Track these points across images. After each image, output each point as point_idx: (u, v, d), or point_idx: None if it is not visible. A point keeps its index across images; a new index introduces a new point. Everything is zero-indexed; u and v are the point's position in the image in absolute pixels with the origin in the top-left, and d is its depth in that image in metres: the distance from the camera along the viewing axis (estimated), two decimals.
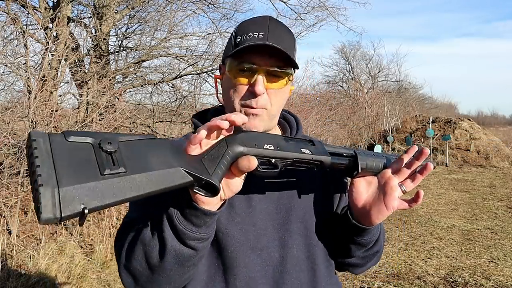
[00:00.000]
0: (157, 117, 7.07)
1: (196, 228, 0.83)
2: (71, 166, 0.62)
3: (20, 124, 4.80)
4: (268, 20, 1.01)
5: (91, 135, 0.68)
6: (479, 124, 16.95)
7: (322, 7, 8.39)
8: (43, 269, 3.65)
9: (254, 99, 0.98)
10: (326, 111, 11.20)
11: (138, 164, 0.68)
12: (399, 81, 27.26)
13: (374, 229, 1.03)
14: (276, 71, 0.99)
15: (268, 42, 0.96)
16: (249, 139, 0.84)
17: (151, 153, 0.71)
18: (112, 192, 0.63)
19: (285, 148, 0.87)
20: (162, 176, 0.69)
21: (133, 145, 0.71)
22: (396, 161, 1.00)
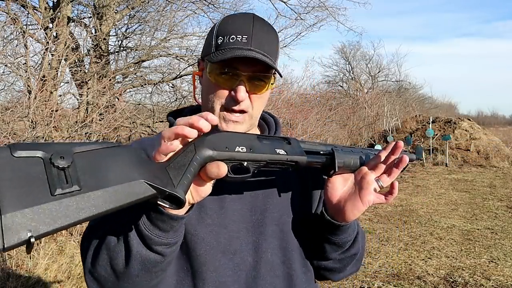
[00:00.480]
0: (157, 117, 7.07)
1: (163, 233, 0.79)
2: (17, 186, 0.56)
3: (20, 124, 4.80)
4: (252, 20, 0.98)
5: (42, 147, 0.61)
6: (479, 124, 16.95)
7: (322, 7, 8.39)
8: (43, 269, 3.65)
9: (236, 104, 0.97)
10: (326, 111, 11.21)
11: (94, 179, 0.62)
12: (399, 81, 27.28)
13: (350, 228, 1.01)
14: (258, 76, 0.98)
15: (252, 48, 0.94)
16: (220, 142, 0.78)
17: (110, 165, 0.65)
18: (65, 214, 0.57)
19: (259, 150, 0.82)
20: (121, 191, 0.63)
21: (90, 156, 0.64)
22: (373, 157, 0.99)
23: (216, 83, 0.98)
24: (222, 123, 0.99)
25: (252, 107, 1.00)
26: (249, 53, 0.94)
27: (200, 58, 1.07)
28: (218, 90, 0.98)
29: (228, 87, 0.97)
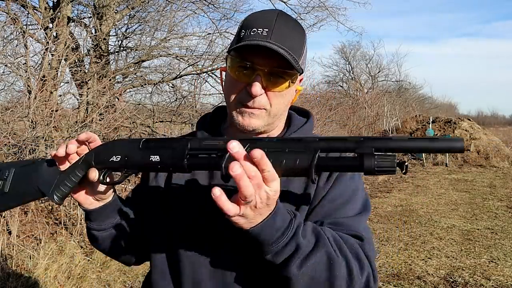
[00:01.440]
0: (157, 117, 7.07)
1: (90, 222, 1.05)
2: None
3: (20, 124, 4.81)
4: (276, 15, 0.95)
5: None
6: (479, 124, 16.95)
7: (322, 7, 8.39)
8: (43, 269, 3.65)
9: (251, 99, 0.95)
10: (326, 111, 11.21)
11: (15, 188, 0.97)
12: (399, 81, 27.28)
13: (261, 234, 0.78)
14: (277, 72, 0.94)
15: (270, 41, 0.90)
16: (101, 152, 0.92)
17: (24, 177, 0.98)
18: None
19: (132, 158, 0.89)
20: (24, 193, 0.98)
21: (18, 171, 0.99)
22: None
23: (234, 76, 0.96)
24: (238, 117, 0.98)
25: (270, 104, 0.97)
26: (265, 43, 0.90)
27: (227, 54, 1.04)
28: (235, 85, 0.97)
29: (244, 82, 0.95)
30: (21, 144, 4.22)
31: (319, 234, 0.86)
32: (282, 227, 0.79)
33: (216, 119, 1.13)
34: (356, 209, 0.99)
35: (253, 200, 0.71)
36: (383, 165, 0.71)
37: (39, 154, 4.47)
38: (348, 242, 0.91)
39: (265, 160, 0.70)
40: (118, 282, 3.89)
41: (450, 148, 0.72)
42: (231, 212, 0.71)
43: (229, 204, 0.71)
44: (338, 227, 0.94)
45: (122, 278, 3.96)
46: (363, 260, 0.90)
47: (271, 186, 0.72)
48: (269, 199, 0.73)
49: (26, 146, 4.25)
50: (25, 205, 4.69)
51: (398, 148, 0.74)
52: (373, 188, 9.05)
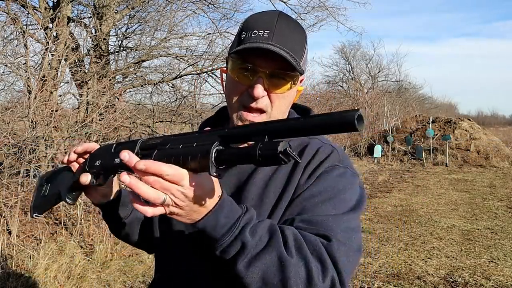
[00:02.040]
0: (157, 117, 7.07)
1: (104, 215, 1.17)
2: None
3: (20, 124, 4.81)
4: (277, 16, 0.95)
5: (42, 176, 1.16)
6: (479, 124, 16.94)
7: (322, 7, 8.39)
8: (43, 269, 3.65)
9: (253, 100, 0.94)
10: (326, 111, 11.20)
11: (50, 191, 1.09)
12: (399, 81, 27.28)
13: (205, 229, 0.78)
14: (278, 73, 0.94)
15: (272, 43, 0.91)
16: (92, 158, 0.99)
17: (56, 182, 1.10)
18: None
19: (105, 162, 0.94)
20: (53, 195, 1.09)
21: (52, 176, 1.11)
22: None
23: (235, 79, 0.97)
24: (238, 123, 0.98)
25: (271, 106, 0.97)
26: (267, 46, 0.90)
27: (228, 56, 1.04)
28: (237, 87, 0.97)
29: (246, 84, 0.95)
30: (21, 144, 4.22)
31: (274, 233, 0.81)
32: (228, 224, 0.77)
33: (219, 120, 1.14)
34: (340, 208, 0.92)
35: (167, 200, 0.71)
36: (265, 153, 0.65)
37: (39, 154, 4.47)
38: (311, 242, 0.84)
39: (155, 167, 0.69)
40: (118, 282, 3.89)
41: (339, 123, 0.62)
42: (148, 213, 0.72)
43: (142, 207, 0.71)
44: (307, 225, 0.89)
45: (122, 278, 3.96)
46: (327, 262, 0.83)
47: (182, 184, 0.70)
48: (189, 196, 0.72)
49: (26, 146, 4.25)
50: (25, 205, 4.69)
51: (288, 130, 0.67)
52: (373, 188, 9.06)
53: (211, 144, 0.70)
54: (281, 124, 0.69)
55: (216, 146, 0.70)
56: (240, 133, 0.73)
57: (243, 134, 0.72)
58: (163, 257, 1.11)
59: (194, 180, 0.71)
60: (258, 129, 0.70)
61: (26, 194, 4.57)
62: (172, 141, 0.78)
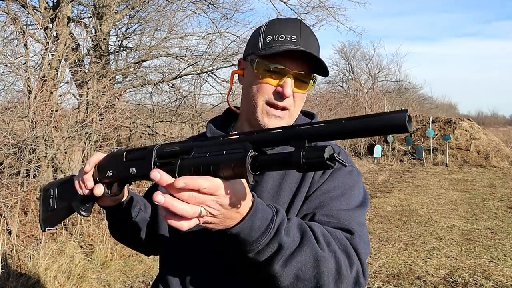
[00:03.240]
0: (157, 117, 7.07)
1: (109, 215, 1.18)
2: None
3: (20, 124, 4.80)
4: (299, 23, 1.04)
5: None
6: (479, 124, 16.94)
7: (322, 7, 8.38)
8: (43, 269, 3.65)
9: (280, 99, 1.02)
10: (326, 111, 11.21)
11: (59, 204, 1.09)
12: (399, 81, 27.26)
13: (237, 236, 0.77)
14: (303, 75, 1.02)
15: (301, 47, 0.99)
16: (100, 168, 0.97)
17: (64, 195, 1.09)
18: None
19: (120, 172, 0.92)
20: (64, 208, 1.09)
21: (60, 187, 1.10)
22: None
23: (262, 78, 1.02)
24: (264, 118, 1.04)
25: (294, 105, 1.05)
26: (301, 48, 0.99)
27: (241, 59, 1.12)
28: (264, 85, 1.03)
29: (274, 83, 1.02)
30: (21, 144, 4.22)
31: (305, 231, 0.84)
32: (263, 226, 0.78)
33: (226, 120, 1.21)
34: (351, 203, 1.00)
35: (202, 211, 0.70)
36: (311, 160, 0.62)
37: (39, 154, 4.47)
38: (337, 236, 0.90)
39: (194, 184, 0.67)
40: (118, 282, 3.89)
41: (391, 125, 0.59)
42: (184, 228, 0.70)
43: (177, 222, 0.70)
44: (329, 219, 0.95)
45: (122, 278, 3.96)
46: (352, 255, 0.89)
47: (217, 194, 0.69)
48: (225, 204, 0.71)
49: (26, 146, 4.25)
50: (25, 205, 4.69)
51: (327, 133, 0.64)
52: (373, 188, 9.05)
53: (245, 151, 0.67)
54: (323, 127, 0.65)
55: (251, 153, 0.67)
56: (276, 137, 0.69)
57: (279, 138, 0.68)
58: (174, 252, 1.10)
59: (229, 188, 0.70)
60: (296, 132, 0.66)
61: (26, 194, 4.57)
62: (196, 149, 0.74)
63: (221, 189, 0.69)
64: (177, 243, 1.09)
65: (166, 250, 1.15)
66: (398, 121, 0.58)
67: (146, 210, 1.21)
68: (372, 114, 0.61)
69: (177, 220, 0.70)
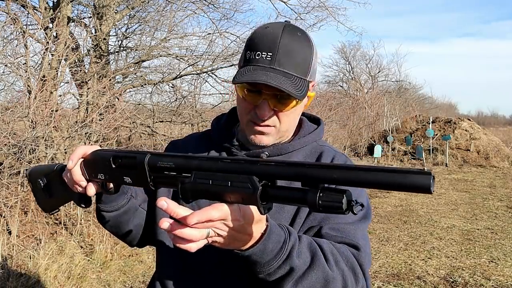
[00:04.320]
0: (157, 117, 7.07)
1: (100, 203, 1.11)
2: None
3: (20, 124, 4.80)
4: (281, 31, 0.96)
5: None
6: (479, 124, 16.94)
7: (322, 7, 8.38)
8: (43, 269, 3.65)
9: (261, 120, 0.99)
10: (326, 111, 11.20)
11: (56, 192, 1.07)
12: (399, 81, 27.26)
13: (252, 255, 0.77)
14: (281, 95, 0.96)
15: (275, 68, 0.93)
16: (88, 167, 0.94)
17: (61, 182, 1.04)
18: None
19: (113, 178, 0.91)
20: (62, 196, 1.07)
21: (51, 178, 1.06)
22: None
23: (243, 96, 1.00)
24: (250, 135, 1.03)
25: (279, 122, 1.01)
26: (267, 76, 0.92)
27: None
28: (244, 105, 1.02)
29: (253, 102, 0.99)
30: (21, 144, 4.22)
31: (315, 251, 0.84)
32: (275, 250, 0.77)
33: (231, 119, 1.18)
34: (356, 216, 0.97)
35: (210, 233, 0.70)
36: (329, 204, 0.61)
37: (39, 154, 4.47)
38: (344, 253, 0.90)
39: (206, 217, 0.67)
40: (118, 282, 3.89)
41: (414, 185, 0.57)
42: (192, 250, 0.70)
43: (185, 245, 0.70)
44: (336, 233, 0.95)
45: (122, 278, 3.96)
46: (358, 272, 0.90)
47: (227, 218, 0.69)
48: (233, 227, 0.70)
49: (26, 146, 4.25)
50: (25, 205, 4.70)
51: (344, 180, 0.62)
52: None
53: (253, 188, 0.66)
54: (337, 174, 0.62)
55: (259, 190, 0.66)
56: (286, 174, 0.66)
57: (290, 175, 0.66)
58: (173, 251, 1.07)
59: (237, 212, 0.70)
60: (310, 174, 0.64)
61: (26, 194, 4.57)
62: (196, 172, 0.72)
63: (229, 215, 0.69)
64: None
65: (164, 248, 1.11)
66: (423, 184, 0.57)
67: (137, 198, 1.15)
68: (393, 169, 0.59)
69: (186, 243, 0.70)
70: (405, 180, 0.58)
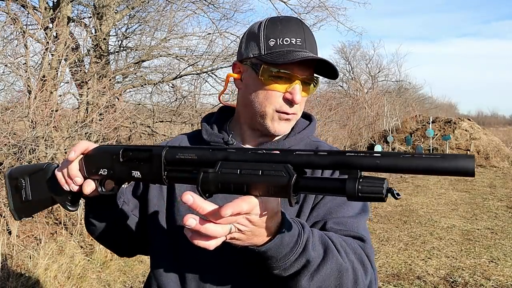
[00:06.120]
0: (157, 117, 7.07)
1: (89, 208, 1.09)
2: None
3: (20, 124, 4.80)
4: (301, 23, 1.01)
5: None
6: (479, 124, 16.94)
7: (322, 7, 8.38)
8: (43, 269, 3.65)
9: (290, 106, 1.00)
10: (326, 111, 11.20)
11: (36, 195, 0.99)
12: (399, 81, 27.27)
13: (267, 251, 0.76)
14: (310, 80, 1.01)
15: (306, 51, 0.97)
16: (89, 163, 0.88)
17: (44, 185, 0.99)
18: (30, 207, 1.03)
19: (118, 173, 0.86)
20: (45, 199, 1.02)
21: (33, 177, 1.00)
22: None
23: (268, 85, 0.98)
24: (274, 124, 1.02)
25: (300, 109, 1.05)
26: (311, 55, 0.96)
27: (237, 61, 1.06)
28: (272, 92, 0.99)
29: (282, 89, 0.98)
30: (21, 144, 4.22)
31: (327, 244, 0.84)
32: (291, 243, 0.76)
33: (222, 117, 1.16)
34: (356, 209, 1.00)
35: (232, 228, 0.68)
36: (369, 191, 0.60)
37: (39, 154, 4.47)
38: (352, 246, 0.91)
39: (237, 210, 0.65)
40: (118, 282, 3.89)
41: (458, 169, 0.58)
42: (211, 247, 0.68)
43: (205, 242, 0.67)
44: (340, 227, 0.96)
45: (122, 278, 3.96)
46: (367, 263, 0.91)
47: (252, 212, 0.67)
48: (255, 221, 0.69)
49: (26, 146, 4.25)
50: None
51: (387, 167, 0.61)
52: None
53: (289, 175, 0.63)
54: (380, 160, 0.61)
55: (295, 178, 0.63)
56: (322, 162, 0.64)
57: (326, 164, 0.64)
58: (170, 252, 1.06)
59: (261, 206, 0.68)
60: (348, 161, 0.62)
61: None
62: (222, 162, 0.69)
63: (256, 208, 0.67)
64: (172, 244, 1.05)
65: (160, 251, 1.08)
66: (467, 167, 0.59)
67: (129, 204, 1.11)
68: (435, 155, 0.59)
69: (205, 241, 0.67)
70: (449, 164, 0.58)
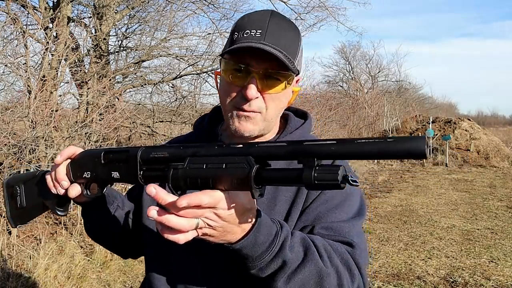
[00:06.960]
0: (157, 117, 7.07)
1: (84, 212, 1.11)
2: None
3: (20, 124, 4.80)
4: (269, 15, 0.94)
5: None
6: (479, 124, 16.95)
7: (322, 7, 8.39)
8: (43, 269, 3.64)
9: (247, 102, 0.92)
10: (326, 111, 11.21)
11: (30, 202, 1.02)
12: (399, 81, 27.29)
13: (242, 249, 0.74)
14: (271, 73, 0.92)
15: (264, 43, 0.89)
16: (75, 167, 0.92)
17: (36, 192, 1.02)
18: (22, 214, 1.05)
19: (99, 175, 0.88)
20: (37, 206, 1.04)
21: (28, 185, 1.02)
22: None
23: (228, 80, 0.95)
24: (234, 122, 0.96)
25: (266, 107, 0.95)
26: (258, 45, 0.88)
27: (221, 58, 1.03)
28: (230, 88, 0.95)
29: (239, 85, 0.93)
30: (21, 144, 4.22)
31: (308, 246, 0.82)
32: (266, 242, 0.75)
33: (214, 119, 1.13)
34: (350, 213, 0.96)
35: (199, 223, 0.67)
36: (324, 178, 0.60)
37: (39, 154, 4.47)
38: (338, 251, 0.87)
39: (196, 202, 0.64)
40: (118, 282, 3.89)
41: (410, 151, 0.57)
42: (180, 241, 0.67)
43: (173, 235, 0.67)
44: (329, 232, 0.92)
45: (122, 278, 3.96)
46: (354, 269, 0.87)
47: (217, 206, 0.66)
48: (224, 217, 0.68)
49: (26, 146, 4.25)
50: None
51: (342, 153, 0.61)
52: (373, 188, 9.05)
53: (249, 167, 0.64)
54: (335, 147, 0.62)
55: (255, 169, 0.64)
56: (282, 152, 0.65)
57: (285, 154, 0.65)
58: (161, 255, 1.05)
59: (229, 200, 0.67)
60: (305, 149, 0.63)
61: None
62: (190, 158, 0.70)
63: (221, 202, 0.66)
64: (164, 246, 1.02)
65: (152, 253, 1.07)
66: (418, 149, 0.57)
67: (124, 208, 1.13)
68: (388, 138, 0.59)
69: (173, 234, 0.67)
70: (401, 147, 0.57)
